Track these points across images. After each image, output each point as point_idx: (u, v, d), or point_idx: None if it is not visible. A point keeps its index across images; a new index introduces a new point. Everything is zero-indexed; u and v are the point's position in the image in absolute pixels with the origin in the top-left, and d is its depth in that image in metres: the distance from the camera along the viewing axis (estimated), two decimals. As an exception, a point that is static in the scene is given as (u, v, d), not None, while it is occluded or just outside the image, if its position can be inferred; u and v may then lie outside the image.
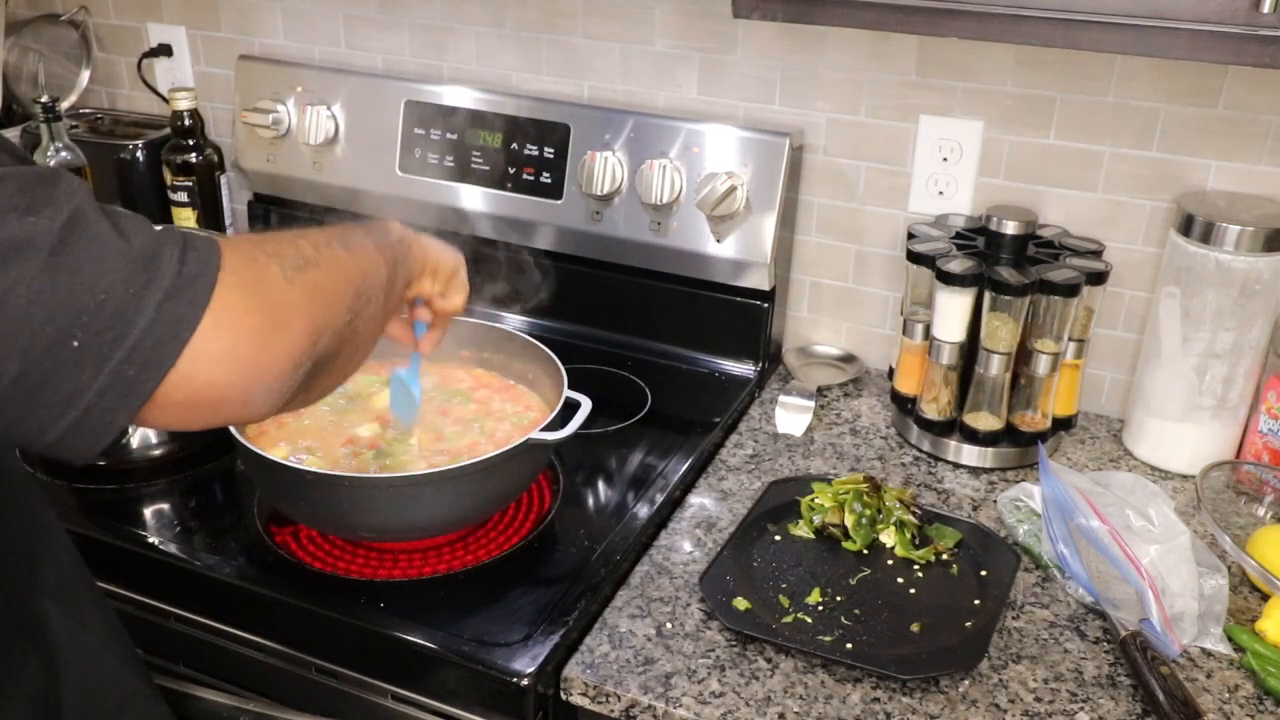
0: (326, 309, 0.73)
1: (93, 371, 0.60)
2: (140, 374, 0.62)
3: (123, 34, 1.88)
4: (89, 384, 0.61)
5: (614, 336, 1.58)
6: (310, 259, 0.73)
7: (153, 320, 0.61)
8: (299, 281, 0.70)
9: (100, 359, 0.60)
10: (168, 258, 0.63)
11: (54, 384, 0.60)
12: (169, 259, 0.63)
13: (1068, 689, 1.00)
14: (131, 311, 0.61)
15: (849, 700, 0.98)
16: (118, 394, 0.62)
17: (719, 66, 1.49)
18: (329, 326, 0.72)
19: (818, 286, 1.57)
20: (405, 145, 1.60)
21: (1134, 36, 1.00)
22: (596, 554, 1.14)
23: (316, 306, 0.71)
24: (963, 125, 1.40)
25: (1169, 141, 1.32)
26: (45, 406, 0.61)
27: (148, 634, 1.15)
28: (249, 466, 1.16)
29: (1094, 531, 1.11)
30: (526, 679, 0.98)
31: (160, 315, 0.62)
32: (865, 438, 1.41)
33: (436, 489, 1.08)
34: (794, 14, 1.12)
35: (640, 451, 1.34)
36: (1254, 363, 1.28)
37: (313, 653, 1.08)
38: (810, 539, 1.19)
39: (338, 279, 0.75)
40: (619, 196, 1.49)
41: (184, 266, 0.63)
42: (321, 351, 0.72)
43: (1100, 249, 1.34)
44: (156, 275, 0.62)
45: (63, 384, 0.60)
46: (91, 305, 0.60)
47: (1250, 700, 1.00)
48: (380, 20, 1.67)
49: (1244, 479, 1.30)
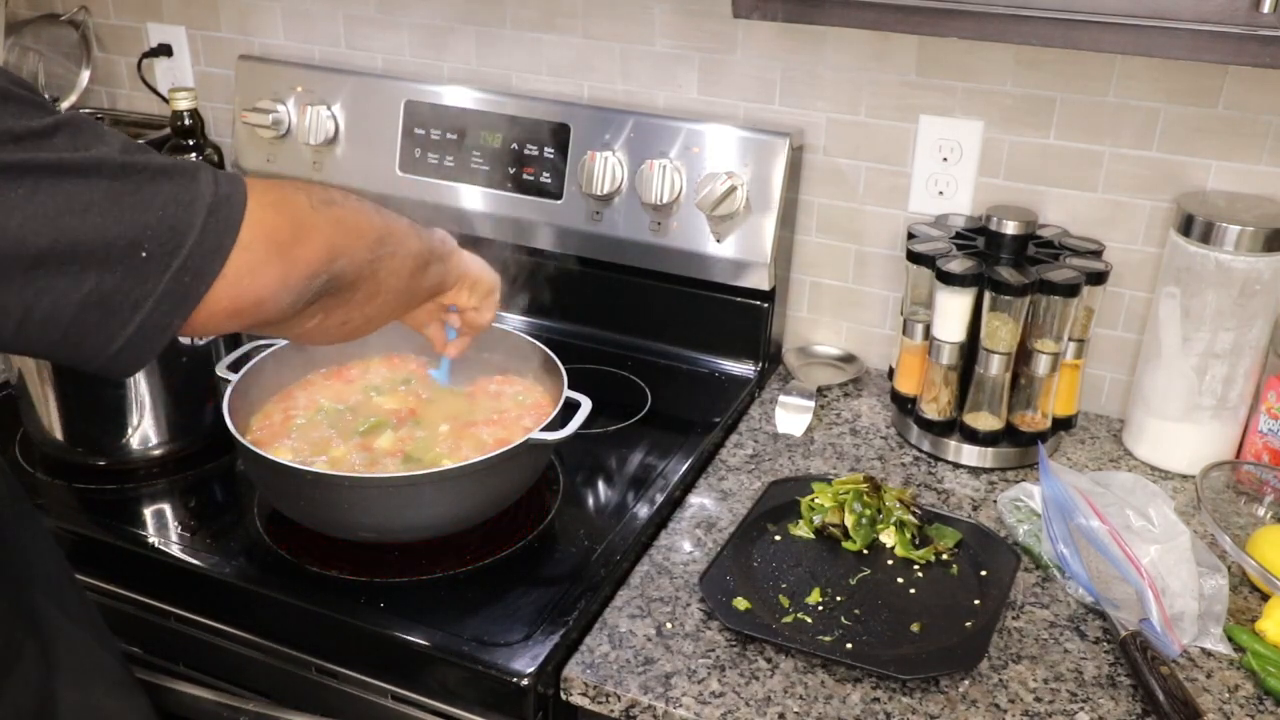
0: (346, 238, 0.81)
1: (156, 279, 0.68)
2: (194, 280, 0.69)
3: (123, 34, 1.88)
4: (152, 290, 0.68)
5: (614, 336, 1.58)
6: (337, 200, 0.82)
7: (202, 231, 0.69)
8: (323, 211, 0.80)
9: (163, 267, 0.68)
10: (205, 180, 0.71)
11: (124, 291, 0.67)
12: (207, 180, 0.71)
13: (1068, 689, 1.00)
14: (185, 224, 0.69)
15: (849, 700, 0.98)
16: (175, 300, 0.69)
17: (719, 66, 1.49)
18: (346, 253, 0.81)
19: (818, 286, 1.57)
20: (405, 145, 1.60)
21: (1134, 36, 1.00)
22: (596, 554, 1.14)
23: (337, 233, 0.80)
24: (963, 125, 1.40)
25: (1169, 141, 1.32)
26: (115, 314, 0.67)
27: (148, 634, 1.15)
28: (249, 466, 1.16)
29: (1094, 531, 1.11)
30: (526, 679, 0.98)
31: (207, 227, 0.70)
32: (865, 438, 1.41)
33: (436, 489, 1.08)
34: (794, 14, 1.12)
35: (640, 451, 1.34)
36: (1254, 363, 1.28)
37: (313, 653, 1.08)
38: (810, 539, 1.19)
39: (361, 222, 0.84)
40: (619, 196, 1.49)
41: (219, 187, 0.71)
42: (338, 270, 0.80)
43: (1100, 249, 1.34)
44: (199, 194, 0.70)
45: (130, 292, 0.67)
46: (154, 220, 0.67)
47: (1250, 700, 1.00)
48: (380, 20, 1.67)
49: (1244, 479, 1.30)
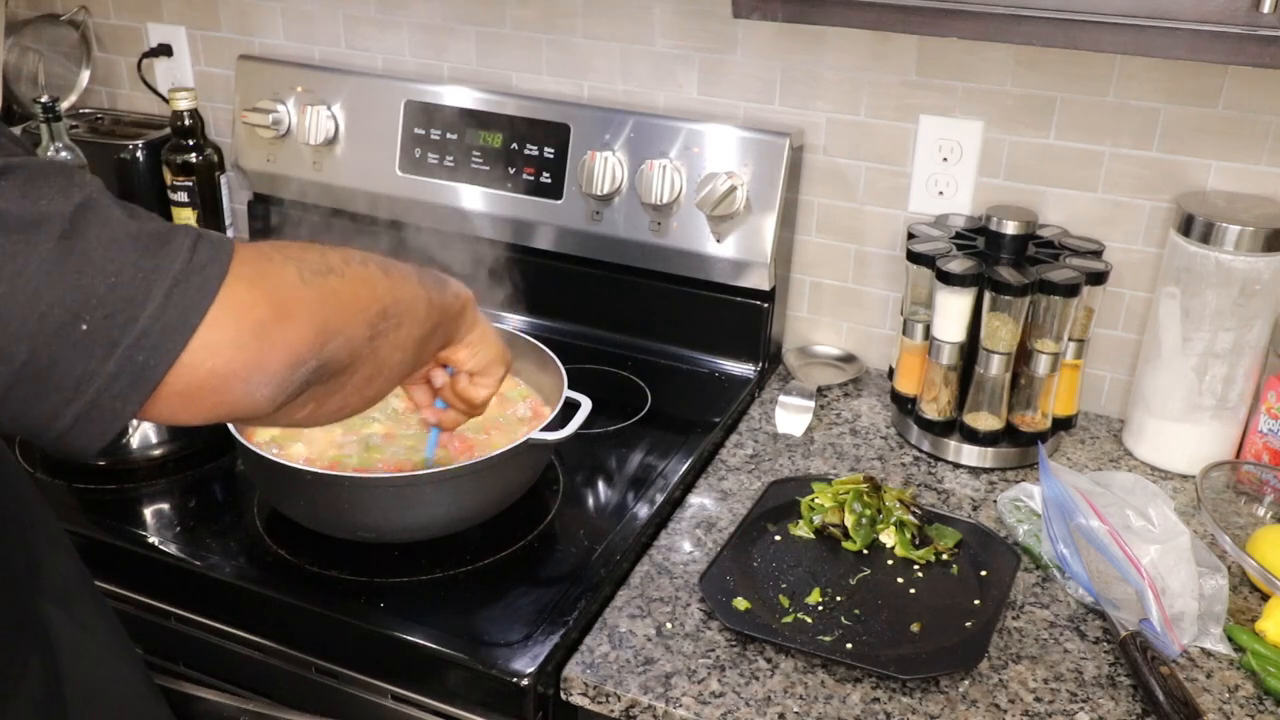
0: (341, 316, 0.71)
1: (102, 357, 0.60)
2: (150, 359, 0.61)
3: (123, 34, 1.88)
4: (98, 370, 0.60)
5: (614, 336, 1.58)
6: (335, 268, 0.72)
7: (162, 305, 0.60)
8: (316, 284, 0.69)
9: (109, 344, 0.60)
10: (179, 245, 0.62)
11: (63, 369, 0.59)
12: (180, 246, 0.62)
13: (1068, 689, 1.00)
14: (141, 296, 0.60)
15: (849, 700, 0.98)
16: (127, 381, 0.61)
17: (719, 66, 1.49)
18: (341, 332, 0.71)
19: (818, 286, 1.57)
20: (405, 145, 1.60)
21: (1134, 36, 1.00)
22: (596, 554, 1.14)
23: (330, 310, 0.70)
24: (963, 125, 1.40)
25: (1169, 141, 1.32)
26: (55, 392, 0.60)
27: (148, 634, 1.15)
28: (249, 466, 1.16)
29: (1094, 531, 1.11)
30: (526, 679, 0.98)
31: (169, 301, 0.61)
32: (865, 438, 1.41)
33: (436, 489, 1.09)
34: (794, 14, 1.12)
35: (640, 451, 1.34)
36: (1254, 363, 1.28)
37: (313, 653, 1.08)
38: (810, 539, 1.19)
39: (361, 292, 0.74)
40: (619, 196, 1.49)
41: (195, 254, 0.63)
42: (330, 355, 0.70)
43: (1100, 249, 1.34)
44: (167, 261, 0.61)
45: (72, 369, 0.59)
46: (101, 289, 0.59)
47: (1250, 700, 1.00)
48: (380, 20, 1.67)
49: (1244, 479, 1.30)
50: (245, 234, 1.81)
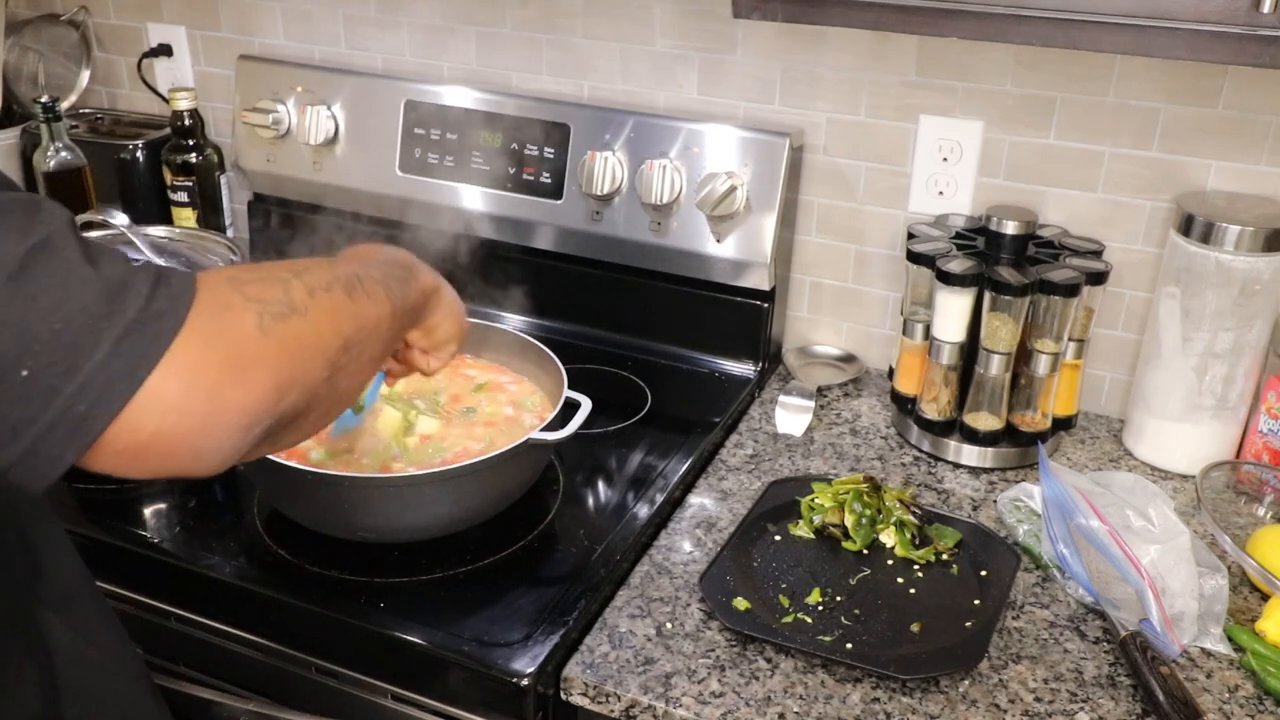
0: (301, 364, 0.67)
1: (41, 404, 0.57)
2: (91, 410, 0.57)
3: (123, 34, 1.88)
4: (36, 417, 0.57)
5: (614, 336, 1.58)
6: (299, 306, 0.67)
7: (109, 356, 0.57)
8: (276, 332, 0.65)
9: (49, 392, 0.57)
10: (135, 292, 0.59)
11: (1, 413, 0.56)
12: (136, 293, 0.59)
13: (1068, 689, 1.00)
14: (88, 344, 0.57)
15: (849, 700, 0.98)
16: (64, 431, 0.57)
17: (719, 66, 1.49)
18: (299, 383, 0.67)
19: (818, 286, 1.57)
20: (405, 145, 1.60)
21: (1134, 36, 1.00)
22: (596, 554, 1.14)
23: (289, 361, 0.66)
24: (963, 125, 1.40)
25: (1169, 141, 1.32)
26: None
27: (148, 634, 1.15)
28: (249, 466, 1.16)
29: (1094, 531, 1.11)
30: (526, 679, 0.98)
31: (117, 351, 0.57)
32: (865, 438, 1.41)
33: (436, 489, 1.08)
34: (794, 14, 1.12)
35: (640, 451, 1.34)
36: (1254, 363, 1.28)
37: (313, 653, 1.08)
38: (810, 539, 1.19)
39: (325, 331, 0.69)
40: (619, 196, 1.49)
41: (152, 302, 0.59)
42: (286, 409, 0.66)
43: (1100, 249, 1.34)
44: (120, 308, 0.58)
45: (9, 414, 0.56)
46: (45, 334, 0.56)
47: (1250, 700, 1.00)
48: (380, 20, 1.67)
49: (1244, 479, 1.30)
50: (245, 234, 1.81)
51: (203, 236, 1.48)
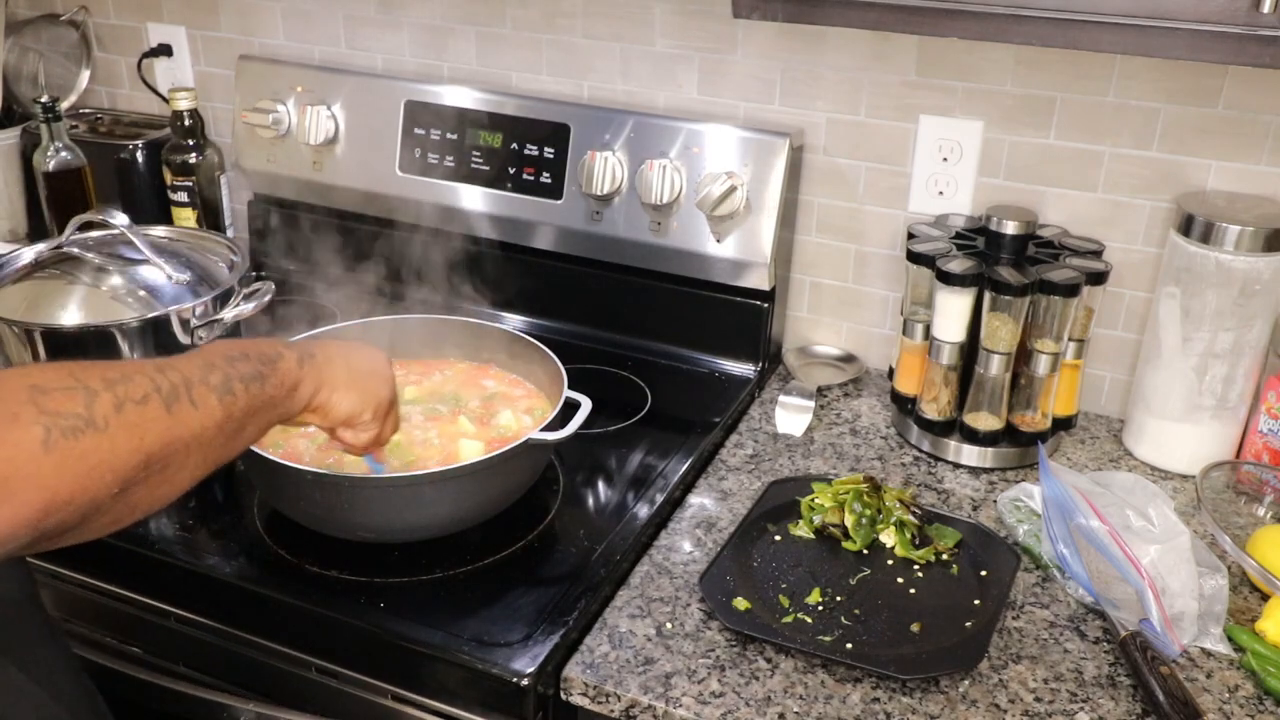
0: (83, 482, 0.65)
1: None
2: None
3: (123, 34, 1.88)
4: None
5: (614, 336, 1.58)
6: (99, 421, 0.66)
7: None
8: (61, 449, 0.64)
9: None
10: None
11: None
12: None
13: (1068, 689, 1.00)
14: None
15: (849, 700, 0.98)
16: None
17: (719, 66, 1.49)
18: (76, 501, 0.65)
19: (818, 286, 1.57)
20: (405, 145, 1.60)
21: (1134, 36, 1.00)
22: (596, 554, 1.14)
23: (69, 480, 0.64)
24: (963, 125, 1.40)
25: (1169, 141, 1.32)
26: None
27: (148, 634, 1.15)
28: (249, 466, 1.16)
29: (1094, 531, 1.11)
30: (526, 679, 0.98)
31: None
32: (865, 438, 1.41)
33: (436, 489, 1.08)
34: (794, 14, 1.12)
35: (640, 451, 1.34)
36: (1254, 363, 1.28)
37: (313, 653, 1.08)
38: (810, 539, 1.19)
39: (122, 448, 0.68)
40: (619, 196, 1.49)
41: None
42: (52, 526, 0.64)
43: (1100, 249, 1.34)
44: None
45: None
46: None
47: (1250, 700, 1.00)
48: (380, 20, 1.67)
49: (1244, 479, 1.30)
50: (245, 234, 1.81)
51: (203, 236, 1.48)
